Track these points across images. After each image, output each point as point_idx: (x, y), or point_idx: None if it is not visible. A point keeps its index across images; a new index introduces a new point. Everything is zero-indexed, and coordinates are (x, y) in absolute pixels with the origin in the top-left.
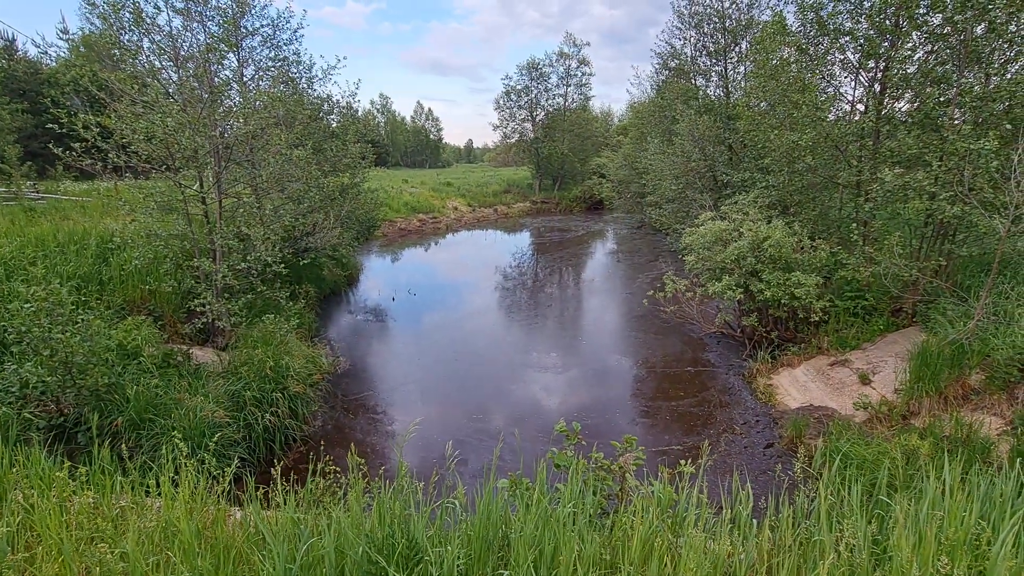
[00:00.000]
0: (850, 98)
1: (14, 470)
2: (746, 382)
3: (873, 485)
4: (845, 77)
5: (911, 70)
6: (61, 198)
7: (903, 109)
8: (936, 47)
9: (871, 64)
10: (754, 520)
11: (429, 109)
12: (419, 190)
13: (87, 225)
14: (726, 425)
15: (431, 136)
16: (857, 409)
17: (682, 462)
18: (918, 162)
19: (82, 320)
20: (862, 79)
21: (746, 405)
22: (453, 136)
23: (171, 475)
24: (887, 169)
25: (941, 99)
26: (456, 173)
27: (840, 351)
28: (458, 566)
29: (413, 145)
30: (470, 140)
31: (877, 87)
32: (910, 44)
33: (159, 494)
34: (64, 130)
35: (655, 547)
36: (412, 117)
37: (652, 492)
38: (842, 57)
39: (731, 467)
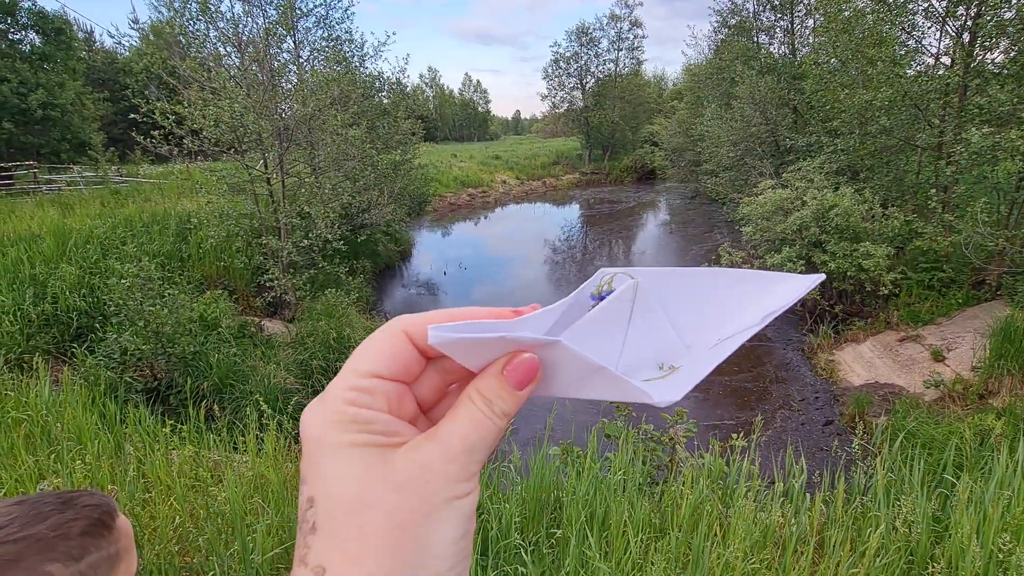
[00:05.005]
0: (933, 51)
1: (125, 426)
2: (806, 358)
3: (939, 464)
4: (928, 27)
5: (1008, 15)
6: (141, 181)
7: (996, 60)
8: None
9: (960, 11)
10: (807, 494)
11: (477, 81)
12: (468, 164)
13: (167, 206)
14: (782, 401)
15: (479, 109)
16: (928, 387)
17: (734, 436)
18: (1011, 119)
19: (169, 294)
20: (948, 28)
21: (805, 381)
22: (500, 107)
23: (256, 433)
24: (974, 128)
25: None
26: (504, 146)
27: (911, 326)
28: (515, 523)
29: (461, 119)
30: (518, 111)
31: (966, 36)
32: None
33: (245, 450)
34: (143, 119)
35: (704, 514)
36: (460, 90)
37: (703, 464)
38: (925, 5)
39: (786, 443)
